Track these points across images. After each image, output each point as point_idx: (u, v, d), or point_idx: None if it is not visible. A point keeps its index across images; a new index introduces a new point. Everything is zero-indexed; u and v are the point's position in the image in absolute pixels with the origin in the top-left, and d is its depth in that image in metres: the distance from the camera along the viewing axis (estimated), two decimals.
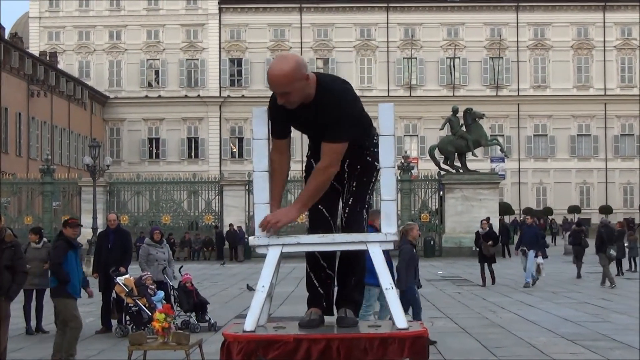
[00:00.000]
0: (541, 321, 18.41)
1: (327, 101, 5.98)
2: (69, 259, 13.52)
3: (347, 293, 6.26)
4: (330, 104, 5.98)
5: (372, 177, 6.23)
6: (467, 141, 47.91)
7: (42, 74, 72.49)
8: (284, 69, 5.85)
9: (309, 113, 6.01)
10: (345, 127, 5.95)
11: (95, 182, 47.13)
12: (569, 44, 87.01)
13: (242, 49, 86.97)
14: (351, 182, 6.20)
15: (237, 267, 42.13)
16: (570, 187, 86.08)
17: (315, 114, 6.00)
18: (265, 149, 6.07)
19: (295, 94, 5.91)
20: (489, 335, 16.36)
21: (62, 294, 13.51)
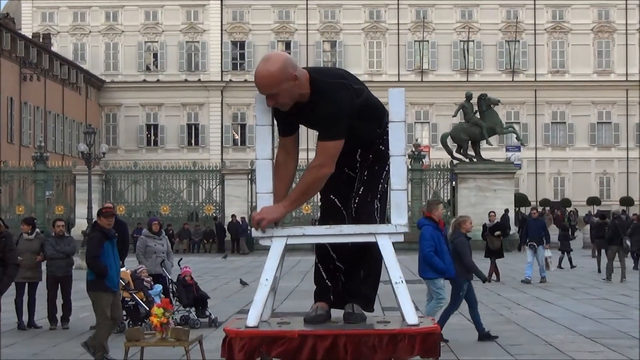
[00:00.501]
0: (559, 318, 18.41)
1: (318, 99, 5.98)
2: (105, 251, 13.50)
3: (356, 286, 6.25)
4: (321, 102, 5.97)
5: (385, 165, 6.22)
6: (482, 129, 47.82)
7: (35, 56, 72.48)
8: (269, 70, 5.85)
9: (305, 113, 6.01)
10: (338, 125, 5.94)
11: (91, 171, 47.10)
12: (589, 27, 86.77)
13: (245, 31, 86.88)
14: (363, 172, 6.20)
15: (240, 260, 42.14)
16: (590, 177, 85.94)
17: (311, 113, 6.00)
18: (268, 135, 6.07)
19: (283, 96, 5.90)
20: (504, 332, 16.36)
21: (99, 287, 13.48)
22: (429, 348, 5.72)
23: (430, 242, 14.69)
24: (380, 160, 6.20)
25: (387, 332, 5.76)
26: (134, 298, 16.47)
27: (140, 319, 16.05)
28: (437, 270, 14.84)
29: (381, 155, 6.20)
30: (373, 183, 6.19)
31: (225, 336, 5.80)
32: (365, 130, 6.13)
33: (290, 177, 6.17)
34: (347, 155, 6.18)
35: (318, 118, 5.97)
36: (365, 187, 6.18)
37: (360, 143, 6.14)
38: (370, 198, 6.17)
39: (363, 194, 6.17)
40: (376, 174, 6.20)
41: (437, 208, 15.12)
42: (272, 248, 5.93)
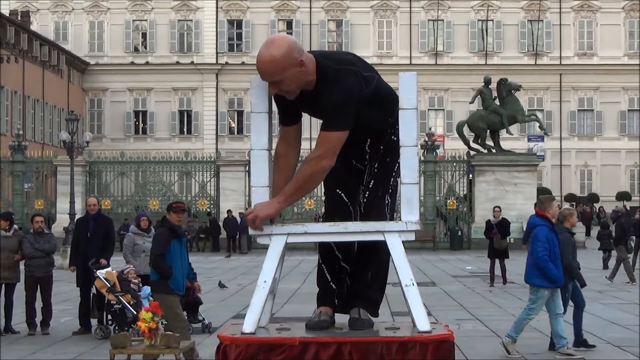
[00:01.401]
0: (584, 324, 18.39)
1: (325, 86, 6.00)
2: (172, 250, 13.47)
3: (362, 289, 6.25)
4: (327, 89, 5.99)
5: (397, 157, 6.20)
6: (501, 117, 47.85)
7: (13, 36, 72.47)
8: (273, 55, 5.84)
9: (309, 101, 6.02)
10: (343, 115, 5.93)
11: (73, 161, 47.12)
12: (619, 5, 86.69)
13: (242, 9, 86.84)
14: (373, 164, 6.20)
15: (237, 259, 42.22)
16: (620, 170, 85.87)
17: (316, 101, 6.00)
18: (265, 123, 6.07)
19: (287, 83, 5.91)
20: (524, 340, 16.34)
21: (163, 289, 13.47)
22: (442, 357, 5.72)
23: (544, 245, 14.35)
24: (391, 151, 6.20)
25: (397, 339, 5.77)
26: (121, 301, 16.50)
27: (127, 323, 16.08)
28: (549, 279, 14.53)
29: (393, 146, 6.20)
30: (384, 176, 6.18)
31: (220, 343, 5.81)
32: (374, 119, 6.13)
33: (291, 170, 6.16)
34: (355, 146, 6.18)
35: (323, 106, 5.97)
36: (375, 180, 6.17)
37: (370, 133, 6.15)
38: (382, 193, 6.17)
39: (373, 188, 6.17)
40: (388, 167, 6.20)
41: (551, 205, 14.85)
42: (271, 247, 5.93)
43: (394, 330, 6.08)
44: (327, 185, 6.29)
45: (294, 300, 22.70)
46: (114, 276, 16.80)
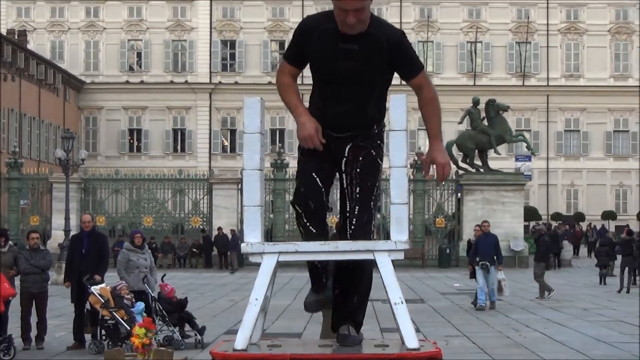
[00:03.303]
0: (570, 341, 18.43)
1: (394, 34, 6.08)
2: None
3: (350, 311, 6.25)
4: (401, 38, 6.09)
5: (376, 180, 6.20)
6: (489, 137, 47.93)
7: (10, 55, 72.51)
8: None
9: (354, 46, 6.02)
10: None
11: (68, 179, 47.10)
12: (605, 28, 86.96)
13: (236, 30, 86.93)
14: (354, 188, 6.17)
15: (227, 276, 42.18)
16: (605, 189, 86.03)
17: (364, 47, 6.01)
18: (258, 144, 6.07)
19: (367, 12, 5.96)
20: (512, 356, 16.41)
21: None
22: None
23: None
24: (370, 172, 6.17)
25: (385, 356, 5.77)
26: (114, 317, 16.47)
27: (121, 339, 16.05)
28: None
29: (370, 164, 6.18)
30: (367, 201, 6.16)
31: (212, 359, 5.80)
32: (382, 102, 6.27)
33: (298, 92, 6.26)
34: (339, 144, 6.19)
35: (403, 51, 6.09)
36: (360, 206, 6.14)
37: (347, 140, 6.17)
38: (367, 219, 6.16)
39: (359, 215, 6.14)
40: (369, 191, 6.16)
41: None
42: (263, 265, 5.93)
43: (383, 347, 6.08)
44: (304, 168, 6.24)
45: (285, 316, 22.70)
46: (108, 292, 16.78)
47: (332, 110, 6.12)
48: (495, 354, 16.45)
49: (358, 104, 6.13)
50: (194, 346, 17.24)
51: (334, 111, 6.12)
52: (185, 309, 18.17)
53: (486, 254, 26.08)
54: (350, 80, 6.07)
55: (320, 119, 6.14)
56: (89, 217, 19.03)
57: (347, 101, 6.11)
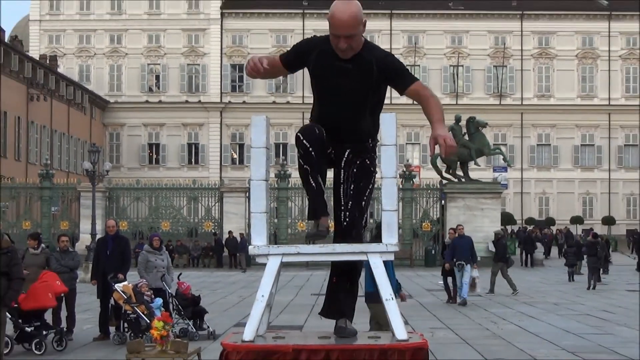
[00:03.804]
0: (543, 333, 18.40)
1: (380, 54, 6.10)
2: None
3: (346, 308, 6.23)
4: (387, 56, 6.11)
5: (369, 183, 6.16)
6: (470, 150, 47.91)
7: (42, 77, 72.55)
8: (353, 11, 5.85)
9: (347, 65, 5.99)
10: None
11: (95, 188, 47.10)
12: (573, 53, 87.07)
13: (243, 55, 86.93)
14: (349, 185, 6.15)
15: (237, 274, 42.15)
16: (573, 197, 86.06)
17: (356, 68, 5.99)
18: (263, 157, 6.07)
19: (358, 39, 5.95)
20: (491, 347, 16.35)
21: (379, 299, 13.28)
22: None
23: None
24: (364, 176, 6.15)
25: (378, 347, 5.76)
26: (135, 311, 16.44)
27: (141, 331, 16.01)
28: None
29: (365, 170, 6.17)
30: (359, 199, 6.14)
31: (223, 349, 5.80)
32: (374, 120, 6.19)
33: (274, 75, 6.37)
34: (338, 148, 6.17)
35: (390, 66, 6.06)
36: (353, 202, 6.12)
37: (349, 145, 6.15)
38: (359, 215, 6.14)
39: (352, 209, 6.12)
40: (362, 190, 6.15)
41: None
42: (268, 265, 5.93)
43: (375, 338, 6.08)
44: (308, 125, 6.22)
45: (287, 310, 22.67)
46: (130, 289, 16.75)
47: (330, 124, 6.09)
48: (476, 344, 16.43)
49: (352, 118, 6.10)
50: (207, 337, 17.20)
51: (331, 125, 6.09)
52: (199, 305, 18.14)
53: (462, 255, 25.99)
54: (345, 96, 6.04)
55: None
56: (113, 222, 19.00)
57: (343, 115, 6.07)
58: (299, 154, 6.08)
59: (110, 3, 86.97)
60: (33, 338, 15.49)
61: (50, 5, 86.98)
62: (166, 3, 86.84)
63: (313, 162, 6.03)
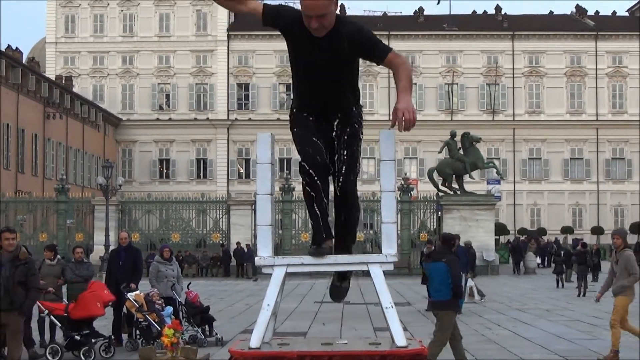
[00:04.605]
0: (535, 338, 18.36)
1: (352, 29, 5.98)
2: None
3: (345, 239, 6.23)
4: (360, 30, 6.01)
5: (359, 146, 6.20)
6: (465, 164, 47.89)
7: (58, 97, 72.66)
8: None
9: (323, 43, 5.93)
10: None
11: (108, 201, 47.13)
12: (562, 71, 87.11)
13: (249, 74, 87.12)
14: (342, 151, 6.12)
15: (244, 283, 42.09)
16: (564, 208, 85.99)
17: (331, 45, 5.93)
18: (269, 173, 6.06)
19: (330, 18, 5.86)
20: (485, 351, 16.31)
21: (453, 307, 13.29)
22: None
23: None
24: (355, 140, 6.17)
25: (378, 353, 5.74)
26: (147, 319, 16.41)
27: (153, 338, 15.98)
28: None
29: (355, 134, 6.18)
30: (353, 163, 6.13)
31: (230, 356, 5.78)
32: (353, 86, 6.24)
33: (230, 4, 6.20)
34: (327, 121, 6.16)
35: (365, 37, 6.01)
36: (347, 166, 6.09)
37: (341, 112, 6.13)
38: (353, 177, 6.14)
39: (346, 174, 6.10)
40: (355, 154, 6.15)
41: None
42: (274, 276, 5.92)
43: (376, 345, 6.06)
44: (304, 135, 6.13)
45: (292, 318, 22.63)
46: (142, 298, 16.73)
47: (314, 101, 6.10)
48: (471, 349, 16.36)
49: (333, 92, 6.08)
50: (215, 344, 17.16)
51: (316, 102, 6.10)
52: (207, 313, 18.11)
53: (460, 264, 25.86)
54: (322, 71, 5.98)
55: (306, 107, 6.15)
56: (125, 234, 18.99)
57: (324, 89, 6.05)
58: (305, 181, 6.07)
59: (122, 26, 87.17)
60: (82, 346, 15.43)
61: (66, 28, 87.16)
62: (175, 25, 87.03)
63: (318, 189, 6.04)
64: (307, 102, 6.14)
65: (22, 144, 65.62)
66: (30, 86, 66.44)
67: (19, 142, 65.03)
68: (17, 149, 64.85)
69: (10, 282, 11.83)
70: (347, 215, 6.19)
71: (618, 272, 14.49)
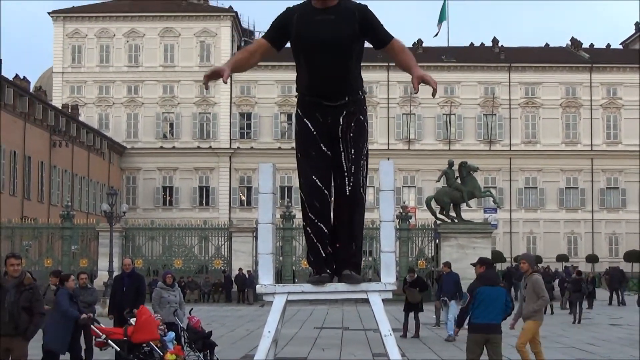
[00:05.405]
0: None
1: (361, 6, 6.03)
2: None
3: (350, 257, 6.17)
4: (367, 10, 6.02)
5: (365, 140, 6.21)
6: (462, 192, 47.85)
7: (64, 125, 72.78)
8: None
9: (329, 16, 5.94)
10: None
11: (112, 228, 47.09)
12: (557, 102, 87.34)
13: (251, 104, 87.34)
14: (349, 150, 6.12)
15: (245, 309, 41.97)
16: (559, 236, 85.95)
17: (340, 16, 5.94)
18: (270, 202, 6.07)
19: None
20: None
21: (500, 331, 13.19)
22: None
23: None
24: (361, 133, 6.17)
25: None
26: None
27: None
28: None
29: (361, 129, 6.18)
30: (360, 160, 6.13)
31: None
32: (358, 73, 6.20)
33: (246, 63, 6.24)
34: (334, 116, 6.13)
35: (370, 21, 6.00)
36: (355, 165, 6.09)
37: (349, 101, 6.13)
38: (362, 176, 6.14)
39: (355, 173, 6.11)
40: (361, 152, 6.15)
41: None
42: (274, 303, 5.92)
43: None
44: (305, 172, 6.14)
45: (292, 343, 22.54)
46: None
47: (321, 80, 6.05)
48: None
49: (341, 70, 6.04)
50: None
51: (323, 80, 6.04)
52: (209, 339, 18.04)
53: (447, 291, 25.80)
54: (330, 46, 5.95)
55: (313, 91, 6.10)
56: (129, 260, 18.96)
57: (333, 65, 6.00)
58: (306, 222, 6.15)
59: (127, 56, 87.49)
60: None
61: (73, 58, 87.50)
62: (180, 56, 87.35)
63: (319, 229, 6.11)
64: (313, 84, 6.09)
65: (28, 171, 65.68)
66: (37, 115, 66.56)
67: (25, 169, 65.09)
68: (24, 176, 64.91)
69: (15, 307, 11.79)
70: (351, 215, 6.14)
71: (527, 297, 14.38)
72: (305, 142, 6.12)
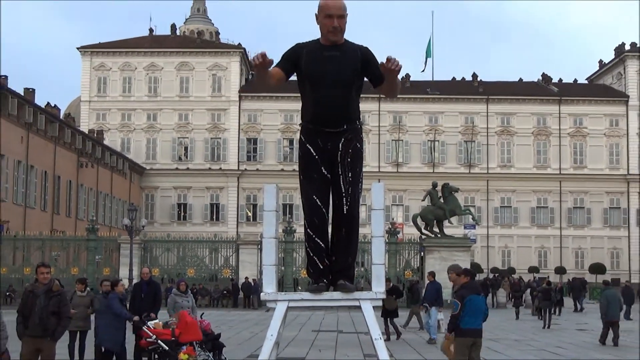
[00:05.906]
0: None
1: (363, 47, 6.06)
2: None
3: (347, 268, 6.15)
4: (368, 51, 6.07)
5: (361, 164, 6.17)
6: (445, 211, 47.84)
7: (90, 148, 72.83)
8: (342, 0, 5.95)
9: (335, 53, 5.96)
10: None
11: (132, 240, 47.02)
12: (530, 131, 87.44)
13: (257, 130, 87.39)
14: (346, 173, 6.10)
15: (250, 313, 41.86)
16: (531, 250, 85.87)
17: (344, 54, 5.97)
18: (273, 219, 6.06)
19: (345, 23, 5.95)
20: None
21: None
22: None
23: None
24: (357, 158, 6.12)
25: None
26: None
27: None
28: None
29: (358, 155, 6.13)
30: (356, 183, 6.11)
31: None
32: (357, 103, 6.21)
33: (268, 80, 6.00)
34: (333, 141, 6.07)
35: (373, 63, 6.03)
36: (352, 187, 6.08)
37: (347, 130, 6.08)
38: (357, 196, 6.12)
39: (352, 194, 6.09)
40: (357, 175, 6.12)
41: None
42: (277, 309, 5.90)
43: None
44: (306, 192, 6.10)
45: (292, 345, 22.48)
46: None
47: (324, 110, 6.00)
48: None
49: (342, 101, 6.03)
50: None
51: (326, 110, 6.00)
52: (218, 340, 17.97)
53: (428, 298, 25.76)
54: (334, 80, 5.96)
55: (315, 118, 6.05)
56: (147, 269, 18.92)
57: (335, 95, 5.98)
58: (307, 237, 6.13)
59: (147, 87, 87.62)
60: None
61: (98, 88, 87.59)
62: (194, 87, 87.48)
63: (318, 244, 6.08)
64: (316, 112, 6.04)
65: (57, 189, 65.67)
66: (66, 138, 66.60)
67: (55, 187, 65.11)
68: (54, 193, 64.91)
69: (44, 311, 11.78)
70: (348, 232, 6.12)
71: None
72: (307, 166, 6.11)
